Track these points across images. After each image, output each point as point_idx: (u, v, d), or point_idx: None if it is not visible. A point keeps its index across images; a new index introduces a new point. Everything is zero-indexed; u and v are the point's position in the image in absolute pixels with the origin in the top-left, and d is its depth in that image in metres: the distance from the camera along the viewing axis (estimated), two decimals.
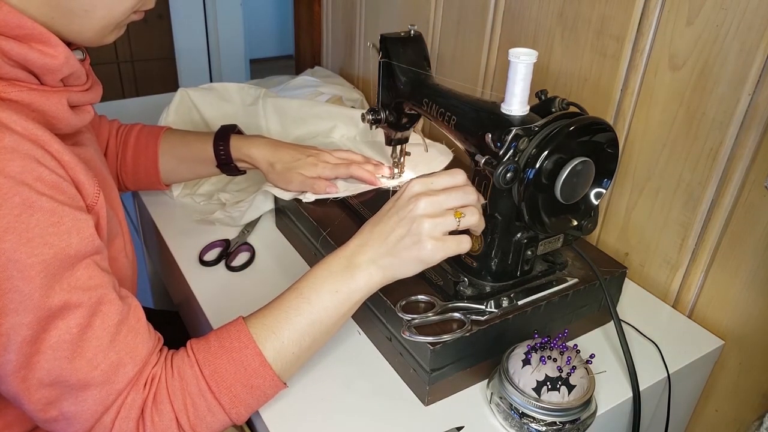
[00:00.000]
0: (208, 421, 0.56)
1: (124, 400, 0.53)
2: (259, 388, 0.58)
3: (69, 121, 0.58)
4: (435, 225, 0.58)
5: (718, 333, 0.79)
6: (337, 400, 0.65)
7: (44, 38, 0.53)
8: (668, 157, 0.79)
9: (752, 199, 0.72)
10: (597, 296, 0.74)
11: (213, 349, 0.57)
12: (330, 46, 1.56)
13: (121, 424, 0.53)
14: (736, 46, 0.69)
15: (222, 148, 0.87)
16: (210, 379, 0.56)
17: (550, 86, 0.92)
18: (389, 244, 0.59)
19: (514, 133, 0.60)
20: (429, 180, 0.60)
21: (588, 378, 0.62)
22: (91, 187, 0.56)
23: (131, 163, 0.90)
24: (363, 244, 0.61)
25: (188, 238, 0.91)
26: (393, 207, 0.61)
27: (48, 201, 0.49)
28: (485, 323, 0.65)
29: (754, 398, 0.78)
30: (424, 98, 0.77)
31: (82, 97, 0.60)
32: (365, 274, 0.60)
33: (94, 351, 0.52)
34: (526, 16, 0.94)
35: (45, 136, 0.51)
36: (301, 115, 1.12)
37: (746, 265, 0.74)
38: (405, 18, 1.22)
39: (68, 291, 0.50)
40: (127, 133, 0.90)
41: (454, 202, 0.59)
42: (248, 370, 0.57)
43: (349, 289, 0.60)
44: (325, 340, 0.62)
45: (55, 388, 0.51)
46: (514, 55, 0.61)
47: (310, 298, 0.59)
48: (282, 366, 0.59)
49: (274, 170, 0.87)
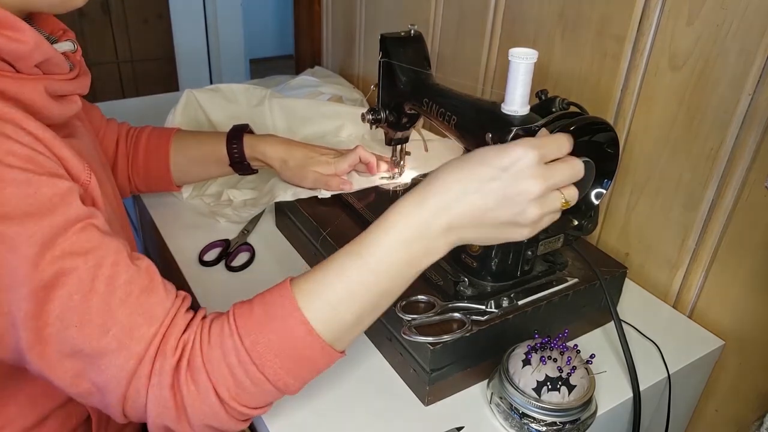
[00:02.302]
0: (252, 392, 0.52)
1: (152, 366, 0.51)
2: (308, 358, 0.53)
3: (50, 110, 0.56)
4: (542, 212, 0.52)
5: (718, 333, 0.79)
6: (336, 400, 0.65)
7: (10, 23, 0.51)
8: (668, 157, 0.79)
9: (752, 199, 0.72)
10: (597, 296, 0.74)
11: (256, 315, 0.53)
12: (330, 46, 1.56)
13: (155, 392, 0.51)
14: (736, 46, 0.69)
15: (235, 147, 0.88)
16: (251, 349, 0.51)
17: (550, 86, 0.92)
18: (482, 220, 0.52)
19: (514, 133, 0.60)
20: (542, 151, 0.52)
21: (588, 378, 0.62)
22: (81, 165, 0.54)
23: (143, 165, 0.89)
24: (446, 207, 0.52)
25: (188, 238, 0.91)
26: (497, 178, 0.51)
27: (20, 173, 0.48)
28: (485, 323, 0.65)
29: (754, 398, 0.78)
30: (424, 98, 0.77)
31: (65, 86, 0.59)
32: (442, 242, 0.53)
33: (102, 316, 0.49)
34: (526, 16, 0.94)
35: (18, 114, 0.50)
36: (308, 114, 1.12)
37: (747, 265, 0.74)
38: (405, 18, 1.22)
39: (60, 258, 0.48)
40: (138, 136, 0.90)
41: (564, 180, 0.53)
42: (294, 339, 0.52)
43: (420, 259, 0.53)
44: (385, 307, 0.56)
45: (76, 360, 0.50)
46: (514, 55, 0.61)
47: (373, 267, 0.53)
48: (334, 334, 0.53)
49: (287, 167, 0.87)
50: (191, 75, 2.35)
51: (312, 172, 0.85)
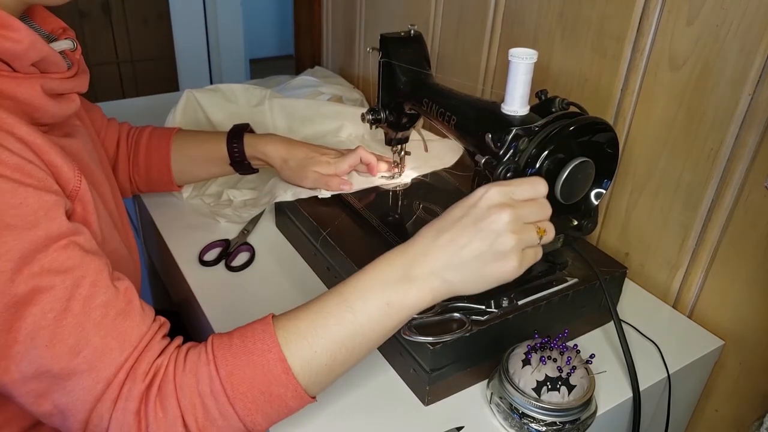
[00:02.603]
0: (219, 425, 0.51)
1: (119, 391, 0.50)
2: (280, 398, 0.52)
3: (48, 109, 0.56)
4: (520, 241, 0.52)
5: (718, 333, 0.79)
6: (336, 400, 0.65)
7: (5, 22, 0.51)
8: (668, 157, 0.79)
9: (752, 199, 0.72)
10: (597, 296, 0.74)
11: (234, 347, 0.52)
12: (330, 46, 1.56)
13: (119, 417, 0.49)
14: (736, 46, 0.69)
15: (236, 147, 0.88)
16: (225, 380, 0.51)
17: (550, 86, 0.92)
18: (462, 258, 0.53)
19: (514, 133, 0.60)
20: (509, 188, 0.54)
21: (588, 378, 0.62)
22: (71, 171, 0.54)
23: (143, 164, 0.90)
24: (425, 253, 0.53)
25: (188, 238, 0.91)
26: (467, 215, 0.53)
27: (7, 182, 0.47)
28: (485, 323, 0.65)
29: (754, 398, 0.78)
30: (424, 98, 0.77)
31: (63, 84, 0.58)
32: (426, 287, 0.53)
33: (74, 337, 0.48)
34: (526, 16, 0.94)
35: (9, 119, 0.49)
36: (308, 114, 1.12)
37: (746, 265, 0.74)
38: (405, 18, 1.22)
39: (38, 275, 0.48)
40: (138, 135, 0.90)
41: (535, 216, 0.54)
42: (269, 376, 0.51)
43: (402, 304, 0.53)
44: (365, 354, 0.55)
45: (42, 380, 0.49)
46: (514, 55, 0.61)
47: (354, 307, 0.53)
48: (310, 377, 0.53)
49: (288, 167, 0.87)
50: (191, 75, 2.35)
51: (312, 171, 0.85)
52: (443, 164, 0.96)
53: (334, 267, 0.79)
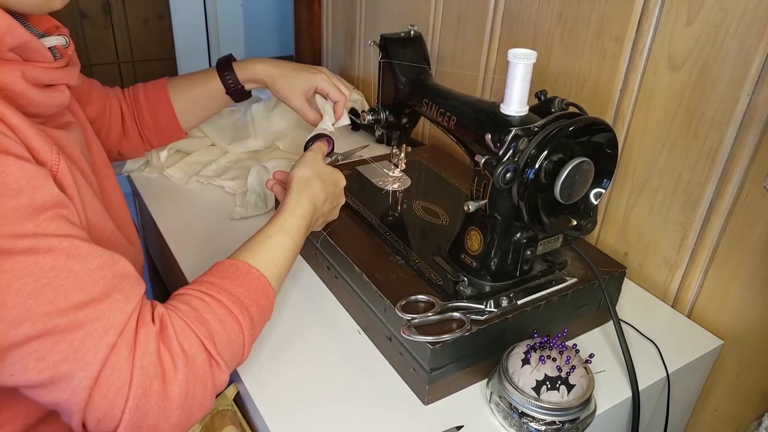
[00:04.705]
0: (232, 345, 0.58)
1: (135, 337, 0.51)
2: (265, 308, 0.63)
3: (30, 97, 0.56)
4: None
5: (717, 333, 0.79)
6: (337, 400, 0.66)
7: None
8: (667, 157, 0.79)
9: (751, 199, 0.72)
10: (596, 296, 0.74)
11: (217, 282, 0.60)
12: (330, 46, 1.56)
13: (141, 361, 0.50)
14: (735, 46, 0.69)
15: (228, 76, 0.93)
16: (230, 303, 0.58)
17: (549, 86, 0.92)
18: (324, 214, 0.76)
19: (513, 134, 0.61)
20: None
21: (587, 377, 0.62)
22: (48, 153, 0.54)
23: (150, 119, 0.94)
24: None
25: (188, 237, 0.91)
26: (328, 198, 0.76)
27: None
28: (485, 323, 0.65)
29: (753, 398, 0.78)
30: (424, 98, 0.77)
31: (49, 74, 0.58)
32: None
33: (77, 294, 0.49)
34: (526, 16, 0.94)
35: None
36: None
37: (745, 265, 0.74)
38: (405, 18, 1.22)
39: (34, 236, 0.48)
40: (134, 94, 0.94)
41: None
42: (256, 288, 0.61)
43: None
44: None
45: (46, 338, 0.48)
46: (513, 55, 0.61)
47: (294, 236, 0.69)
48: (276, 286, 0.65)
49: (276, 82, 0.92)
50: None
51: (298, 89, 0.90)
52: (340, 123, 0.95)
53: (334, 267, 0.79)
